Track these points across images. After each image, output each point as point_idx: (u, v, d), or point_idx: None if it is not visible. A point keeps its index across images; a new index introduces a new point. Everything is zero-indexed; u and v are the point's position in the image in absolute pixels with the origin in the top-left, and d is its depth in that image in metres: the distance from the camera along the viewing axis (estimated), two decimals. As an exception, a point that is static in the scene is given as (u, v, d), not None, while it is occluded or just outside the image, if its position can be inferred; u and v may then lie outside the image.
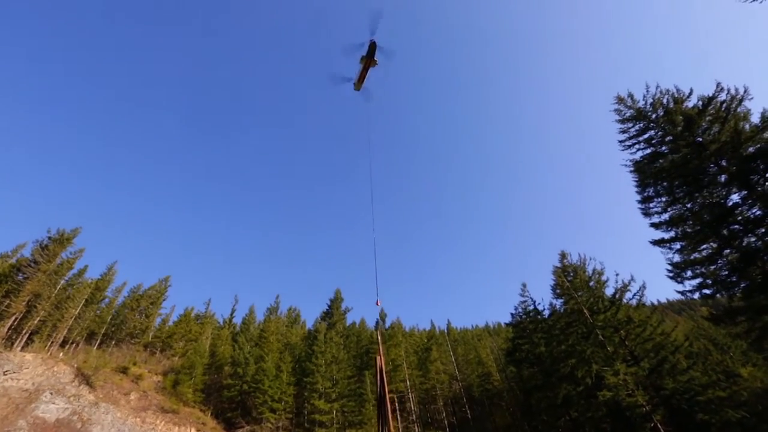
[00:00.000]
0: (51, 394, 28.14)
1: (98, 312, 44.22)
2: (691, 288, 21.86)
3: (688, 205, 22.34)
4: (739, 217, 19.82)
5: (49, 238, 40.16)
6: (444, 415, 43.44)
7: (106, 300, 47.19)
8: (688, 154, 21.74)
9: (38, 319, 37.04)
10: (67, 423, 26.73)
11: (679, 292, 22.81)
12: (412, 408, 40.09)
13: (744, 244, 19.99)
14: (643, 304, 29.86)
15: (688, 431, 23.73)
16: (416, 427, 38.33)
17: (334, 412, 35.05)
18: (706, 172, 21.52)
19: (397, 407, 40.92)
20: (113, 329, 44.02)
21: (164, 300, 51.99)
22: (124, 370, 34.37)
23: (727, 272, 20.97)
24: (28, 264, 37.77)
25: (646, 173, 23.84)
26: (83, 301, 41.15)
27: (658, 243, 23.51)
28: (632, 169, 25.04)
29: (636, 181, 24.73)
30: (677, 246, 22.92)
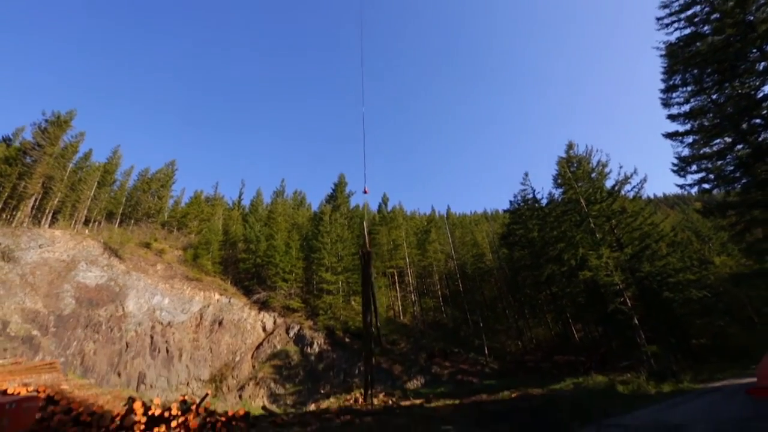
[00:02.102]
0: (86, 264, 31.31)
1: (112, 194, 46.04)
2: (691, 182, 22.07)
3: (713, 96, 20.91)
4: (764, 111, 18.71)
5: (46, 120, 39.34)
6: (438, 287, 48.82)
7: (117, 183, 48.62)
8: (731, 35, 19.32)
9: (57, 200, 38.85)
10: (106, 288, 30.44)
11: (678, 185, 23.04)
12: (410, 281, 44.81)
13: (760, 139, 19.40)
14: (640, 197, 30.53)
15: (651, 306, 26.90)
16: (413, 297, 43.49)
17: (340, 282, 39.33)
18: (745, 58, 19.47)
19: (397, 280, 45.74)
20: (130, 209, 46.47)
21: (173, 183, 53.50)
22: (147, 245, 37.57)
23: (732, 168, 20.83)
24: (32, 147, 37.93)
25: (678, 58, 21.64)
26: (95, 184, 42.49)
27: (671, 136, 22.81)
28: (664, 53, 22.64)
29: (664, 67, 22.62)
30: (689, 140, 22.29)
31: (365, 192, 21.94)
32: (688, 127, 22.22)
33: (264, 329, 34.04)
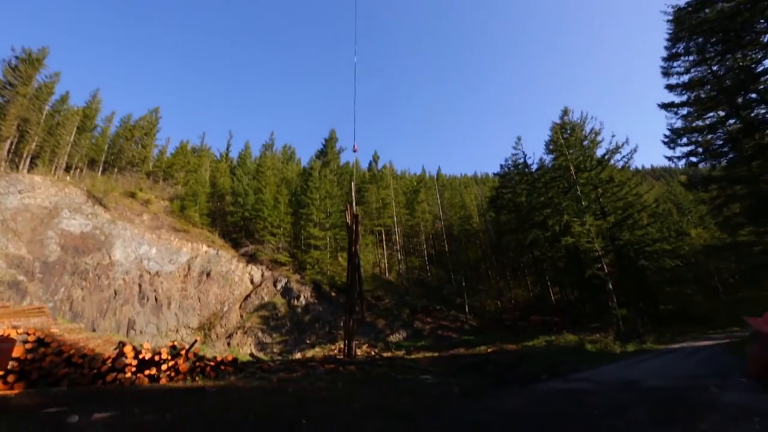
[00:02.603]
0: (69, 212, 30.78)
1: (93, 141, 44.22)
2: (680, 154, 22.38)
3: (714, 68, 20.66)
4: (761, 86, 18.63)
5: (17, 57, 36.66)
6: (425, 247, 49.86)
7: (98, 129, 46.55)
8: (741, 3, 18.72)
9: (34, 144, 37.25)
10: (91, 236, 30.21)
11: (667, 157, 23.35)
12: (397, 240, 45.60)
13: (753, 114, 19.50)
14: (628, 167, 30.86)
15: (626, 273, 28.15)
16: (399, 255, 44.46)
17: (328, 238, 39.80)
18: (751, 29, 19.04)
19: (384, 239, 46.44)
20: (113, 158, 44.97)
21: (157, 131, 51.47)
22: (132, 195, 36.89)
23: (721, 142, 21.08)
24: (3, 86, 35.64)
25: (684, 24, 21.04)
26: (75, 129, 40.64)
27: (666, 106, 22.76)
28: (671, 17, 21.93)
29: (669, 33, 22.03)
30: (684, 112, 22.32)
31: (354, 150, 21.61)
32: (684, 98, 22.14)
33: (252, 281, 34.69)
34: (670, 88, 22.57)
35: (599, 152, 30.27)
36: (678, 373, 10.20)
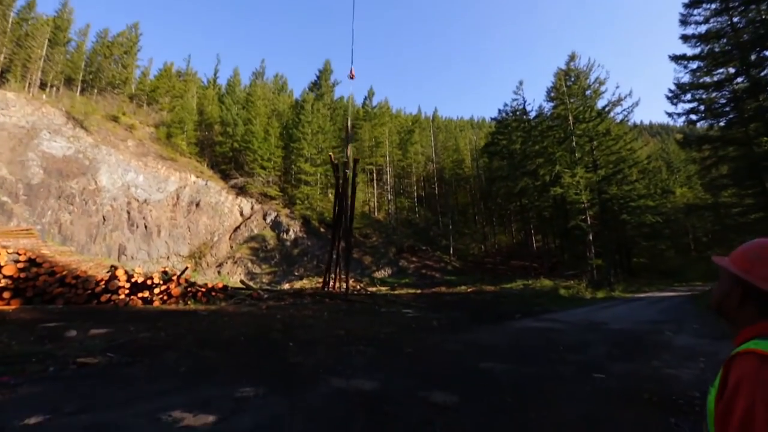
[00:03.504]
0: (49, 133, 29.48)
1: (68, 56, 40.85)
2: (681, 111, 22.04)
3: (735, 19, 19.58)
4: (779, 44, 17.87)
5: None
6: (415, 189, 50.06)
7: (73, 43, 42.76)
8: (776, -55, 17.26)
9: (2, 56, 34.35)
10: (74, 160, 29.33)
11: (668, 113, 23.00)
12: (388, 180, 45.51)
13: (763, 73, 18.98)
14: (626, 121, 30.42)
15: (608, 226, 29.08)
16: (389, 195, 44.70)
17: (318, 174, 39.52)
18: (781, -23, 17.78)
19: (375, 178, 46.29)
20: (91, 77, 41.97)
21: (138, 50, 47.58)
22: (115, 119, 35.21)
23: (724, 101, 20.73)
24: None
25: (712, -34, 19.49)
26: (46, 42, 37.30)
27: (677, 59, 21.94)
28: (700, -43, 20.21)
29: (695, -24, 20.47)
30: (694, 66, 21.56)
31: (351, 77, 20.46)
32: (697, 51, 21.31)
33: (241, 214, 34.89)
34: (684, 38, 21.53)
35: (600, 103, 29.58)
36: (640, 319, 11.04)
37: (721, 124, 20.97)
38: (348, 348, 6.60)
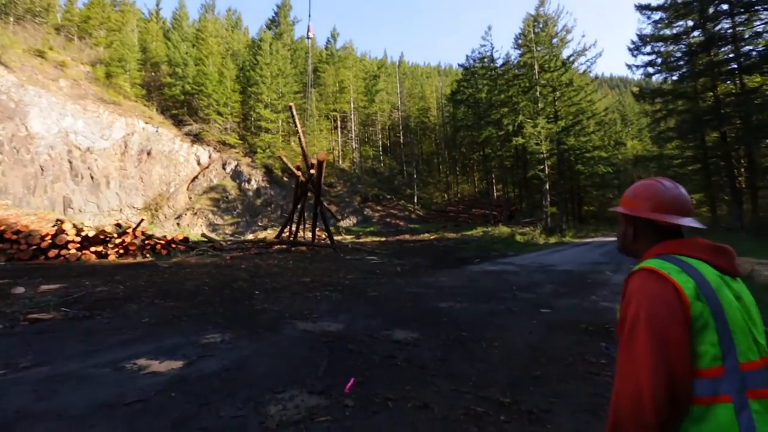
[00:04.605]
0: (-41, 67, 25.54)
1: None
2: (641, 63, 22.63)
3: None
4: (735, -1, 18.28)
5: None
6: (380, 137, 49.24)
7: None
8: None
9: None
10: (-3, 100, 25.90)
11: (628, 65, 23.61)
12: (353, 127, 44.28)
13: (717, 28, 19.57)
14: (589, 72, 30.85)
15: (564, 176, 30.51)
16: (353, 143, 43.77)
17: (280, 122, 37.68)
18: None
19: (339, 125, 44.87)
20: (3, 1, 35.66)
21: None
22: (41, 54, 30.68)
23: (680, 55, 21.42)
24: None
25: None
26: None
27: (642, 8, 22.16)
28: None
29: None
30: (657, 17, 21.83)
31: (309, 37, 19.10)
32: (661, 1, 21.42)
33: (199, 163, 33.07)
34: (651, -14, 21.52)
35: (566, 53, 29.53)
36: (585, 261, 12.07)
37: (674, 78, 21.79)
38: (313, 294, 6.79)
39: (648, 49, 22.02)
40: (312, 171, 14.51)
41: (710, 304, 0.88)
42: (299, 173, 15.71)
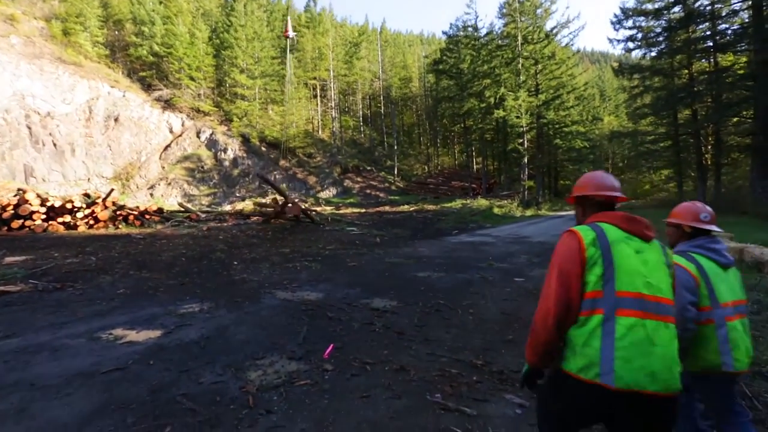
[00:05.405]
0: None
1: None
2: (622, 38, 22.70)
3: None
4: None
5: None
6: (360, 107, 48.14)
7: None
8: None
9: None
10: (-60, 56, 23.61)
11: (609, 39, 23.61)
12: (333, 96, 43.03)
13: (696, 4, 19.69)
14: (571, 46, 30.76)
15: (542, 150, 30.96)
16: (333, 113, 42.67)
17: (257, 88, 36.10)
18: None
19: (319, 93, 43.49)
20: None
21: None
22: (-15, 5, 27.90)
23: (660, 30, 21.53)
24: None
25: None
26: None
27: (626, -21, 21.83)
28: None
29: None
30: (641, -11, 21.69)
31: (286, 35, 17.81)
32: (647, -27, 21.24)
33: (171, 131, 31.61)
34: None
35: (549, 24, 29.18)
36: (557, 232, 12.46)
37: (653, 54, 22.00)
38: (293, 264, 6.80)
39: (630, 23, 22.01)
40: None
41: (602, 249, 1.26)
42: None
